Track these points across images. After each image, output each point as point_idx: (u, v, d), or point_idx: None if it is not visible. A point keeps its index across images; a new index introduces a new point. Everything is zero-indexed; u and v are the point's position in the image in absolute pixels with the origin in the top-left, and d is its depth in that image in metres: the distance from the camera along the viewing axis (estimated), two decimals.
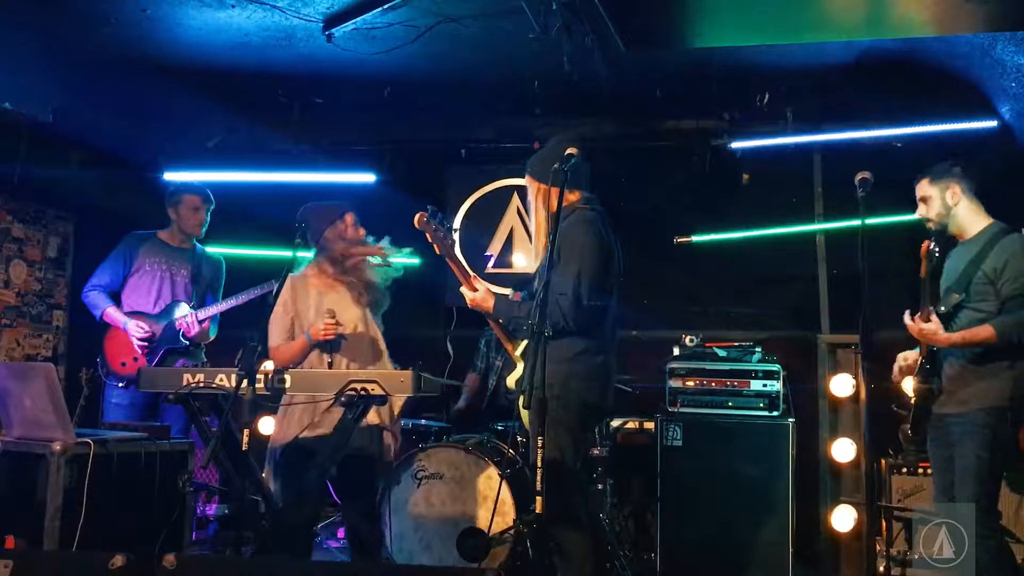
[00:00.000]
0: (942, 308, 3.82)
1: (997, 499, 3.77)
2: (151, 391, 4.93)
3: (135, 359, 5.09)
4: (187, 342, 5.17)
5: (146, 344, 5.08)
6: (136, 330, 5.07)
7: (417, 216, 3.83)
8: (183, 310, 5.18)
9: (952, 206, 3.95)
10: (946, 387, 3.86)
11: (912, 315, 3.79)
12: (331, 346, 4.09)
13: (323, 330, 4.00)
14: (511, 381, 3.97)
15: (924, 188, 4.03)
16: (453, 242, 3.98)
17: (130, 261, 5.26)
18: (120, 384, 5.08)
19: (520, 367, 3.91)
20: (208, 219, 5.36)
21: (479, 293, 3.87)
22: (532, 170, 3.91)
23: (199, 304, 5.27)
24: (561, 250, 3.59)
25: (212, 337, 5.33)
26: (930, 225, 4.03)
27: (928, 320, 3.73)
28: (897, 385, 4.13)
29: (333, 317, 4.01)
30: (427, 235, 3.89)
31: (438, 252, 3.94)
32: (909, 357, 4.05)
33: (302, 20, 4.85)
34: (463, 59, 5.34)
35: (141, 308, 5.17)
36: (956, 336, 3.73)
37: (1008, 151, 5.42)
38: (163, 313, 5.17)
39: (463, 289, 3.92)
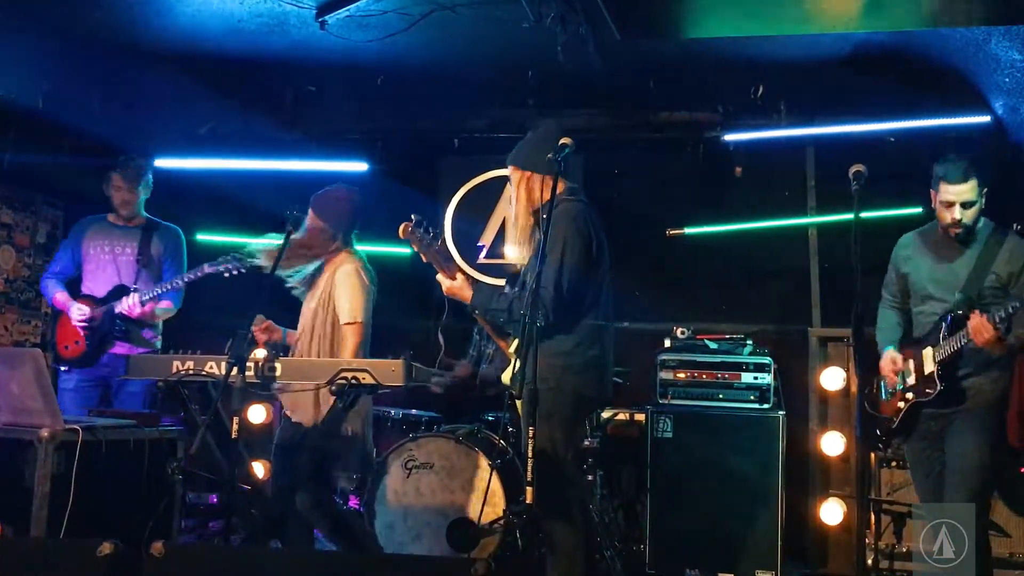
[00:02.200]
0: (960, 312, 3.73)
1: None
2: (95, 376, 5.06)
3: (77, 343, 5.08)
4: (123, 325, 5.08)
5: (86, 326, 5.05)
6: (76, 313, 5.06)
7: (402, 227, 3.73)
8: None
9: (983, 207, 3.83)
10: (948, 384, 3.77)
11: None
12: None
13: None
14: (506, 377, 3.95)
15: (972, 190, 3.76)
16: (440, 245, 3.89)
17: (78, 247, 5.27)
18: (63, 368, 5.10)
19: (513, 364, 3.89)
20: (138, 196, 5.27)
21: (456, 281, 3.79)
22: (518, 159, 3.86)
23: (156, 281, 5.19)
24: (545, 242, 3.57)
25: (169, 314, 5.24)
26: (956, 231, 3.82)
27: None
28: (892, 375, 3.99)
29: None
30: (412, 245, 3.82)
31: (425, 260, 3.88)
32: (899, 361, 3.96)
33: (295, 7, 4.82)
34: (457, 48, 5.32)
35: (92, 292, 5.17)
36: (1012, 339, 3.61)
37: (1001, 146, 5.43)
38: (108, 296, 5.13)
39: (440, 277, 3.82)
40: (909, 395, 3.91)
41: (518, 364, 3.41)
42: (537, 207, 3.74)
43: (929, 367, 3.82)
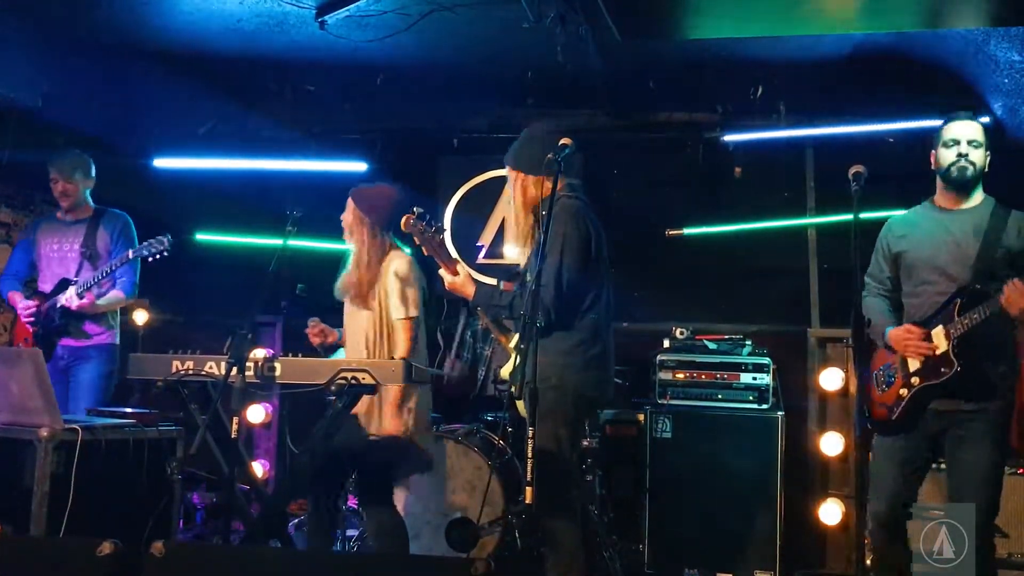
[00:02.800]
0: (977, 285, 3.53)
1: None
2: (55, 369, 4.84)
3: (26, 340, 5.07)
4: (64, 319, 4.96)
5: (32, 322, 5.03)
6: (23, 311, 5.06)
7: (404, 219, 3.75)
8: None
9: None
10: (965, 364, 3.54)
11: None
12: None
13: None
14: (504, 372, 3.96)
15: (979, 132, 3.67)
16: (442, 239, 3.89)
17: (30, 246, 5.24)
18: None
19: (513, 359, 3.89)
20: (78, 187, 5.12)
21: (459, 277, 3.81)
22: (515, 160, 3.86)
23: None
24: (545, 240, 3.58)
25: (116, 304, 5.10)
26: (962, 167, 3.63)
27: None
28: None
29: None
30: (415, 237, 3.82)
31: (426, 253, 3.89)
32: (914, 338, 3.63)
33: (295, 6, 4.82)
34: (456, 48, 5.32)
35: (43, 289, 5.15)
36: None
37: (1000, 146, 5.43)
38: (53, 291, 5.08)
39: (442, 272, 3.84)
40: (915, 379, 3.63)
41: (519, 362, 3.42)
42: (536, 206, 3.74)
43: (943, 345, 3.56)
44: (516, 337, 3.89)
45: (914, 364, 3.66)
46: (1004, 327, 3.57)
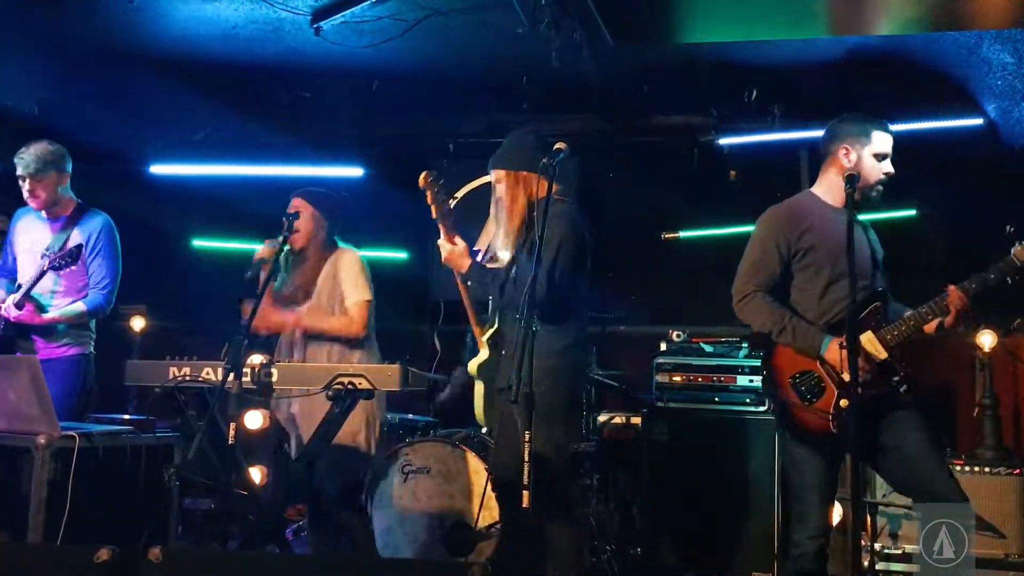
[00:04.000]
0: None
1: None
2: None
3: None
4: (5, 331, 4.39)
5: None
6: None
7: (422, 175, 3.79)
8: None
9: None
10: (902, 382, 3.43)
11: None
12: None
13: None
14: (473, 367, 3.95)
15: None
16: (451, 208, 3.92)
17: (11, 242, 4.71)
18: None
19: (484, 352, 3.90)
20: (51, 183, 4.52)
21: (458, 248, 3.85)
22: (508, 162, 3.86)
23: (79, 277, 4.53)
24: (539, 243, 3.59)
25: (74, 318, 4.49)
26: (880, 190, 3.60)
27: None
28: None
29: None
30: (428, 194, 3.84)
31: (434, 216, 3.87)
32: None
33: (290, 13, 4.84)
34: (451, 53, 5.34)
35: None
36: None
37: (994, 149, 5.45)
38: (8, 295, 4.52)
39: (441, 242, 3.86)
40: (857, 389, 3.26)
41: (499, 364, 3.45)
42: (530, 203, 3.76)
43: (880, 353, 3.39)
44: (490, 331, 3.90)
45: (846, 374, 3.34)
46: None
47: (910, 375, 3.41)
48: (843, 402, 3.41)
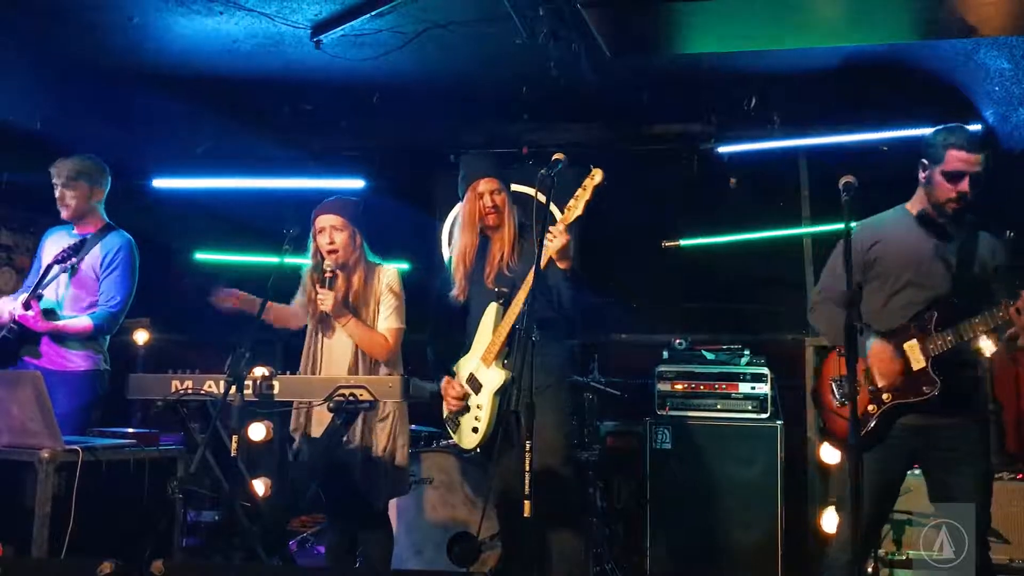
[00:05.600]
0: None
1: None
2: None
3: None
4: (11, 335, 4.38)
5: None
6: None
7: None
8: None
9: None
10: (946, 381, 3.40)
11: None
12: None
13: None
14: (460, 366, 3.99)
15: (983, 163, 3.45)
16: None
17: (40, 257, 4.67)
18: None
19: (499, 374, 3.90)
20: (84, 195, 4.56)
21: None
22: (504, 178, 4.03)
23: (90, 295, 4.51)
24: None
25: (79, 330, 4.42)
26: (954, 208, 3.46)
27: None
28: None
29: None
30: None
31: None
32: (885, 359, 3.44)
33: (290, 26, 4.86)
34: (451, 65, 5.36)
35: None
36: None
37: (992, 154, 5.45)
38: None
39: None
40: (886, 396, 3.46)
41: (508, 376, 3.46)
42: (521, 221, 3.82)
43: (919, 362, 3.42)
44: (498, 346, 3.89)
45: (883, 380, 3.47)
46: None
47: (948, 387, 3.38)
48: (871, 407, 3.47)
